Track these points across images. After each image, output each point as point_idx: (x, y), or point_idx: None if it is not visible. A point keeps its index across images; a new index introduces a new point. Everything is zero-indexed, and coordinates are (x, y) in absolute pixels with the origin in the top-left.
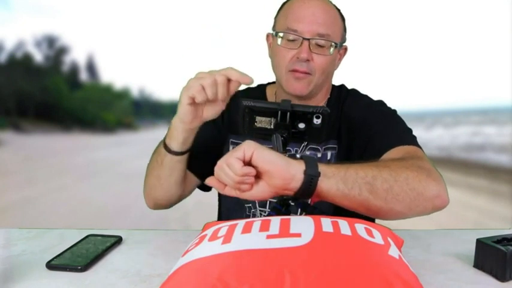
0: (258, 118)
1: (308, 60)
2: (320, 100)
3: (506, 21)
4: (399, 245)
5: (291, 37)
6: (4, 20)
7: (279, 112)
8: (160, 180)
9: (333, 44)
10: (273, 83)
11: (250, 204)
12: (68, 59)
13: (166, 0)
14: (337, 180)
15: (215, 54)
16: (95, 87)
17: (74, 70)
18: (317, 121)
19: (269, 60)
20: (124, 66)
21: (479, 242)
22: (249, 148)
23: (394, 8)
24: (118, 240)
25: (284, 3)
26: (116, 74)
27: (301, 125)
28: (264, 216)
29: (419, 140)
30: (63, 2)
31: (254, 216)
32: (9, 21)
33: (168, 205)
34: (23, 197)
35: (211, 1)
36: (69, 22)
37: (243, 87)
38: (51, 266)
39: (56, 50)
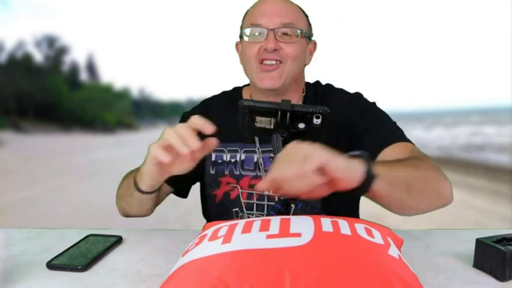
0: (258, 118)
1: (276, 49)
2: (294, 97)
3: (506, 21)
4: (399, 244)
5: (257, 31)
6: (4, 20)
7: (279, 112)
8: (131, 207)
9: (298, 31)
10: (248, 85)
11: (237, 208)
12: (68, 59)
13: (167, 0)
14: (385, 182)
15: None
16: (95, 87)
17: (74, 70)
18: (317, 121)
19: None
20: (124, 66)
21: (479, 242)
22: (323, 158)
23: (394, 8)
24: (118, 240)
25: (247, 11)
26: (116, 74)
27: (301, 125)
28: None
29: (419, 140)
30: (63, 2)
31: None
32: (9, 21)
33: (141, 217)
34: (23, 197)
35: (211, 1)
36: (69, 22)
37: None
38: (51, 266)
39: (56, 50)
